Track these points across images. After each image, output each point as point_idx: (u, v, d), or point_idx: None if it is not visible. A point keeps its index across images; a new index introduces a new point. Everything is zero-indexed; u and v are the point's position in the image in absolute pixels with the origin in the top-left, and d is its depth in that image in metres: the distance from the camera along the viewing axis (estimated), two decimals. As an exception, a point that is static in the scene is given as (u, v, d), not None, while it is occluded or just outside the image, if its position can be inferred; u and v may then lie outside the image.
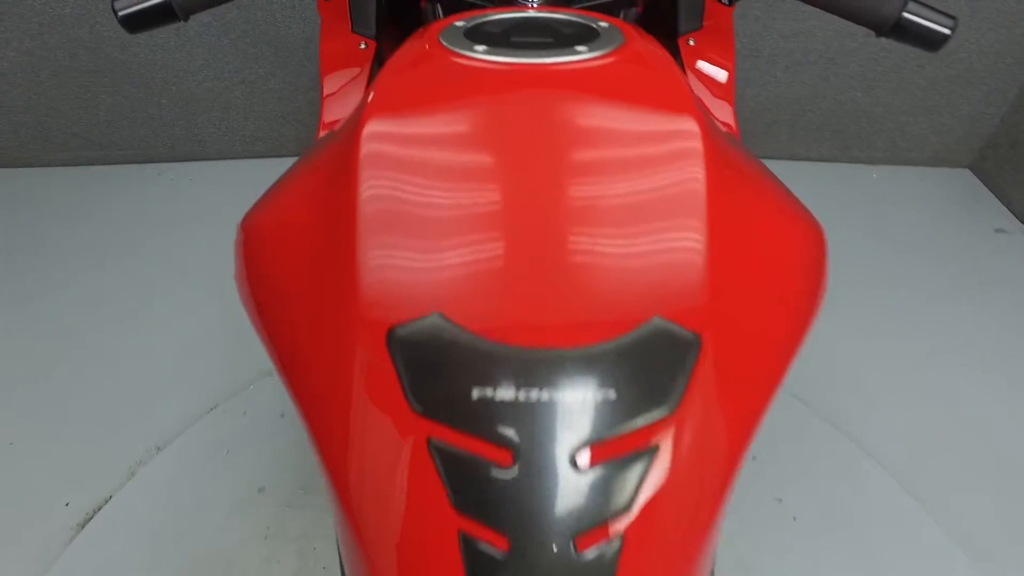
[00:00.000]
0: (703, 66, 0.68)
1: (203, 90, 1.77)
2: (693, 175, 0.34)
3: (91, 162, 1.88)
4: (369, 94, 0.40)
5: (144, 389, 1.28)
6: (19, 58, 1.68)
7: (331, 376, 0.32)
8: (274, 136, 1.89)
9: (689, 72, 0.68)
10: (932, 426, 1.25)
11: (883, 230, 1.70)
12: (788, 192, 0.47)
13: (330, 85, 0.75)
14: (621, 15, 0.64)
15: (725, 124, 0.67)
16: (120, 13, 0.57)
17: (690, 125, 0.36)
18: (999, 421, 1.26)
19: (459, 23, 0.47)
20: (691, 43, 0.68)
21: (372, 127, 0.36)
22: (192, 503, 1.09)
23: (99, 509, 1.09)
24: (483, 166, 0.34)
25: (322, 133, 0.75)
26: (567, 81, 0.39)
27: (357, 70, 0.73)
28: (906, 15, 0.52)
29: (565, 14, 0.49)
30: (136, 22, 0.58)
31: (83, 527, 1.06)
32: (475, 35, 0.45)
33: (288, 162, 2.04)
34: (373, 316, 0.31)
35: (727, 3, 0.58)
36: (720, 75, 0.68)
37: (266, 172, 1.84)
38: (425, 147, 0.35)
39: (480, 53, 0.41)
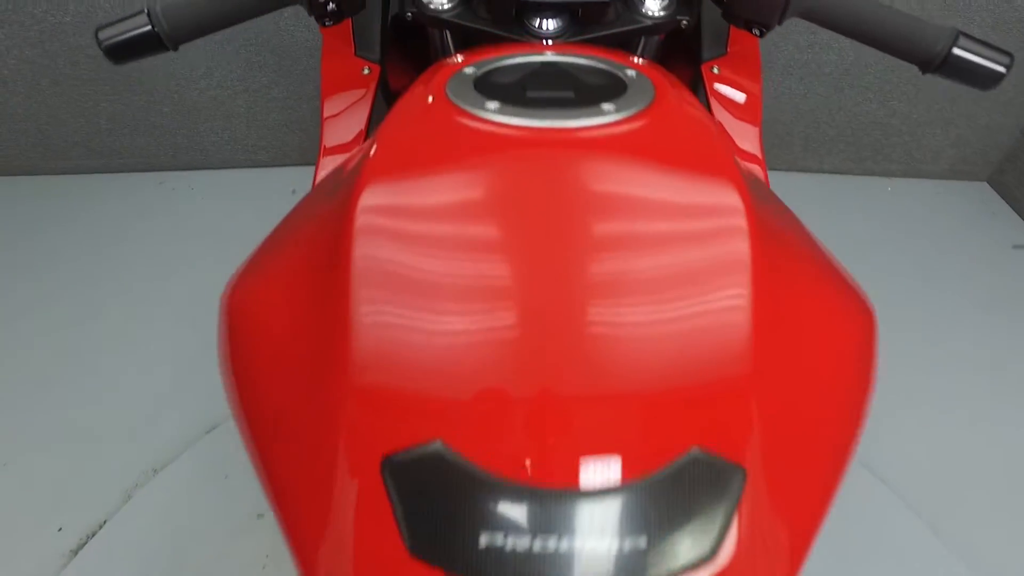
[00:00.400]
0: (727, 90, 0.64)
1: (205, 98, 1.75)
2: (737, 266, 0.30)
3: (92, 170, 1.85)
4: (370, 149, 0.36)
5: (141, 407, 1.25)
6: (20, 66, 1.65)
7: (316, 499, 0.29)
8: (277, 145, 1.86)
9: (712, 97, 0.64)
10: (948, 451, 1.21)
11: (897, 245, 1.66)
12: (833, 262, 0.42)
13: (331, 107, 0.72)
14: (642, 42, 0.60)
15: (750, 154, 0.63)
16: (104, 44, 0.54)
17: (732, 200, 0.31)
18: (1018, 445, 1.22)
19: (468, 69, 0.42)
20: (715, 70, 0.64)
21: (369, 198, 0.32)
22: (189, 528, 1.06)
23: (93, 534, 1.06)
24: (496, 253, 0.30)
25: (323, 158, 0.72)
26: (592, 149, 0.34)
27: (359, 93, 0.69)
28: (956, 51, 0.48)
29: (587, 58, 0.44)
30: (121, 53, 0.54)
31: (76, 553, 1.03)
32: (486, 87, 0.40)
33: (290, 172, 1.97)
34: (366, 438, 0.27)
35: (757, 34, 0.54)
36: (745, 99, 0.64)
37: (269, 181, 1.83)
38: (428, 225, 0.31)
39: (492, 112, 0.37)
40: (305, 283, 0.35)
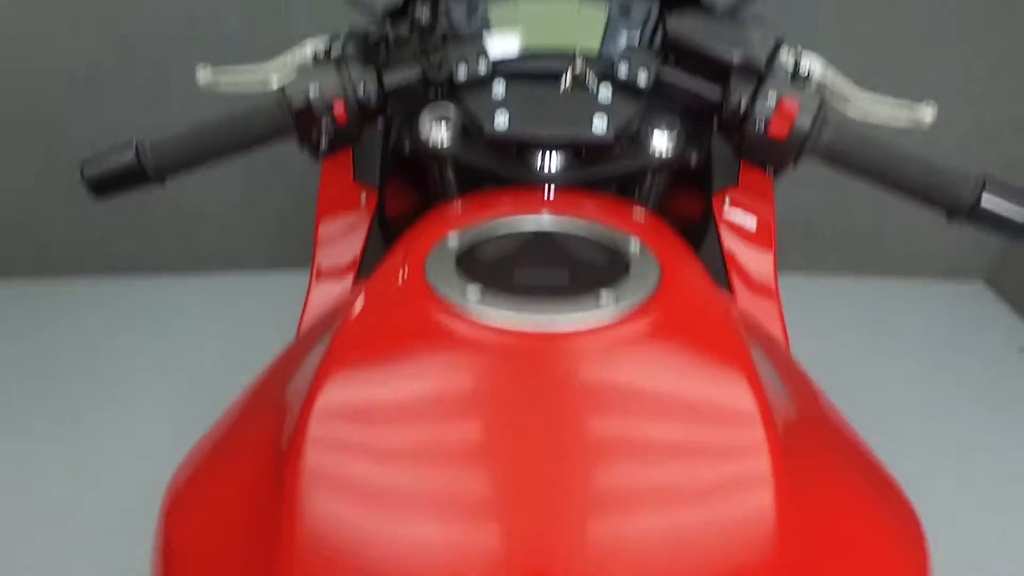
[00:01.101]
0: (739, 218, 0.62)
1: (200, 205, 1.74)
2: (756, 494, 0.25)
3: (83, 273, 1.82)
4: (339, 329, 0.32)
5: (114, 511, 1.15)
6: (12, 166, 1.65)
7: None
8: (272, 251, 1.85)
9: (723, 225, 0.62)
10: (957, 564, 1.11)
11: (896, 348, 1.62)
12: (867, 455, 0.37)
13: (326, 230, 0.71)
14: (650, 177, 0.58)
15: (763, 286, 0.60)
16: (87, 177, 0.51)
17: (747, 406, 0.27)
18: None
19: (452, 241, 0.39)
20: (727, 201, 0.63)
21: (325, 399, 0.28)
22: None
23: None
24: (467, 487, 0.25)
25: (315, 283, 0.69)
26: (585, 358, 0.30)
27: (355, 218, 0.68)
28: (985, 200, 0.46)
29: (585, 225, 0.41)
30: (106, 185, 0.52)
31: None
32: (469, 266, 0.37)
33: (286, 277, 1.93)
34: None
35: (771, 172, 0.53)
36: (758, 226, 0.62)
37: (263, 287, 1.79)
38: (387, 440, 0.27)
39: (472, 304, 0.33)
40: (243, 499, 0.30)
